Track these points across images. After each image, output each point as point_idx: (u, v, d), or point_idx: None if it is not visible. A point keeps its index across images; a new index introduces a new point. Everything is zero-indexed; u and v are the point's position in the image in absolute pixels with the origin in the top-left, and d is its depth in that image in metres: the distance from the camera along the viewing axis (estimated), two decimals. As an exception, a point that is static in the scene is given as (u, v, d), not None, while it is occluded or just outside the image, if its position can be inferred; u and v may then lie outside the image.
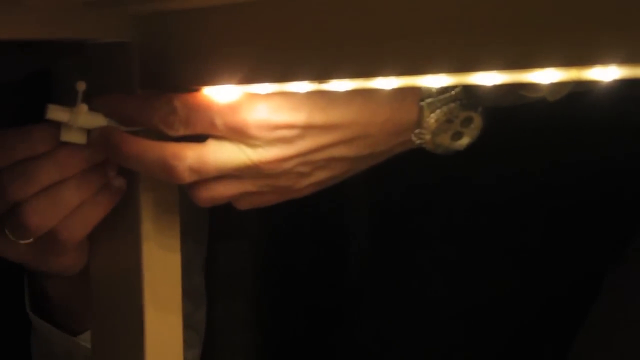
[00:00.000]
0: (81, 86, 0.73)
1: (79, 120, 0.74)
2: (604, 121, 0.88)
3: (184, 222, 0.81)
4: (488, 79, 0.58)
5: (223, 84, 0.70)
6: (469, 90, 0.73)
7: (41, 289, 0.87)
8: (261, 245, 1.05)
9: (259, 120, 0.71)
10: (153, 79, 0.75)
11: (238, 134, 0.71)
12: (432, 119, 0.72)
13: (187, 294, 0.84)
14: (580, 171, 0.93)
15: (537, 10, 0.52)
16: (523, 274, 0.95)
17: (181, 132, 0.72)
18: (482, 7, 0.55)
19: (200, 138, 0.73)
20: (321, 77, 0.64)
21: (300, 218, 0.98)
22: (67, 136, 0.75)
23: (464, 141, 0.75)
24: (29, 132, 0.75)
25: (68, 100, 0.76)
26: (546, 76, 0.55)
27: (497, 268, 0.95)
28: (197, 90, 0.72)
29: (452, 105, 0.73)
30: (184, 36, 0.72)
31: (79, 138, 0.75)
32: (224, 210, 0.79)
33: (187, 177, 0.72)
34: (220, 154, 0.72)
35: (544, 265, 0.94)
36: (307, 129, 0.71)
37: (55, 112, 0.73)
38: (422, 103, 0.72)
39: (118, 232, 0.79)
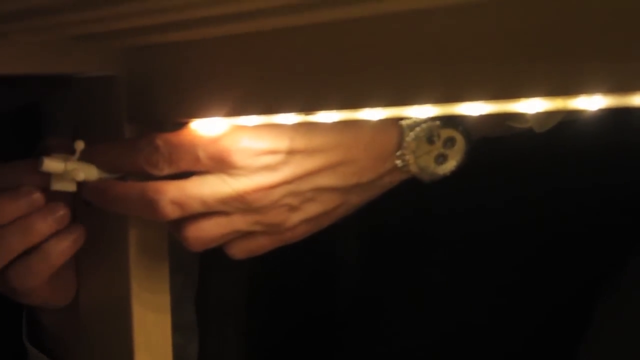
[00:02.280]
0: (79, 145, 0.74)
1: (72, 172, 0.74)
2: (600, 146, 0.88)
3: (174, 256, 0.80)
4: (474, 109, 0.58)
5: (210, 116, 0.70)
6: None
7: (37, 318, 0.87)
8: (252, 275, 1.04)
9: (241, 148, 0.71)
10: (141, 112, 0.75)
11: (221, 164, 0.71)
12: (411, 137, 0.73)
13: (179, 327, 0.84)
14: (578, 196, 0.93)
15: (523, 41, 0.53)
16: (517, 295, 0.94)
17: (166, 170, 0.72)
18: (467, 38, 0.55)
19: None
20: (308, 108, 0.64)
21: (292, 247, 0.98)
22: (58, 185, 0.75)
23: (449, 165, 0.75)
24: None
25: (56, 134, 0.76)
26: (532, 106, 0.55)
27: (493, 287, 0.95)
28: (184, 123, 0.72)
29: (431, 123, 0.73)
30: (172, 69, 0.72)
31: (69, 187, 0.75)
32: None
33: (170, 212, 0.72)
34: (203, 186, 0.72)
35: (538, 288, 0.94)
36: (290, 154, 0.71)
37: (50, 165, 0.74)
38: (402, 123, 0.73)
39: (107, 268, 0.79)
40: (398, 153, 0.73)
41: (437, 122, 0.73)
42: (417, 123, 0.73)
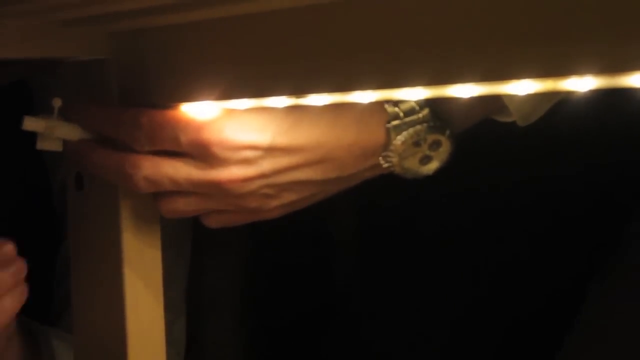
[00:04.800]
0: (57, 103, 0.75)
1: (54, 131, 0.75)
2: (586, 132, 0.88)
3: (165, 232, 0.81)
4: (464, 91, 0.58)
5: (200, 100, 0.70)
6: (436, 113, 0.73)
7: None
8: (248, 258, 1.05)
9: (222, 139, 0.70)
10: (131, 95, 0.75)
11: (201, 152, 0.71)
12: (398, 141, 0.72)
13: (166, 305, 0.84)
14: (566, 181, 0.93)
15: (513, 22, 0.53)
16: (506, 286, 0.95)
17: (146, 147, 0.72)
18: (458, 20, 0.55)
19: None
20: (298, 91, 0.64)
21: (286, 230, 0.98)
22: (43, 144, 0.76)
23: (433, 165, 0.75)
24: None
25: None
26: (522, 87, 0.55)
27: (482, 279, 0.95)
28: (174, 106, 0.72)
29: (419, 127, 0.72)
30: (161, 53, 0.72)
31: (54, 146, 0.76)
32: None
33: (143, 187, 0.73)
34: (179, 169, 0.72)
35: (527, 277, 0.94)
36: (270, 150, 0.71)
37: (31, 123, 0.74)
38: (389, 125, 0.72)
39: (99, 243, 0.79)
40: (383, 154, 0.73)
41: (425, 126, 0.73)
42: (405, 125, 0.73)
